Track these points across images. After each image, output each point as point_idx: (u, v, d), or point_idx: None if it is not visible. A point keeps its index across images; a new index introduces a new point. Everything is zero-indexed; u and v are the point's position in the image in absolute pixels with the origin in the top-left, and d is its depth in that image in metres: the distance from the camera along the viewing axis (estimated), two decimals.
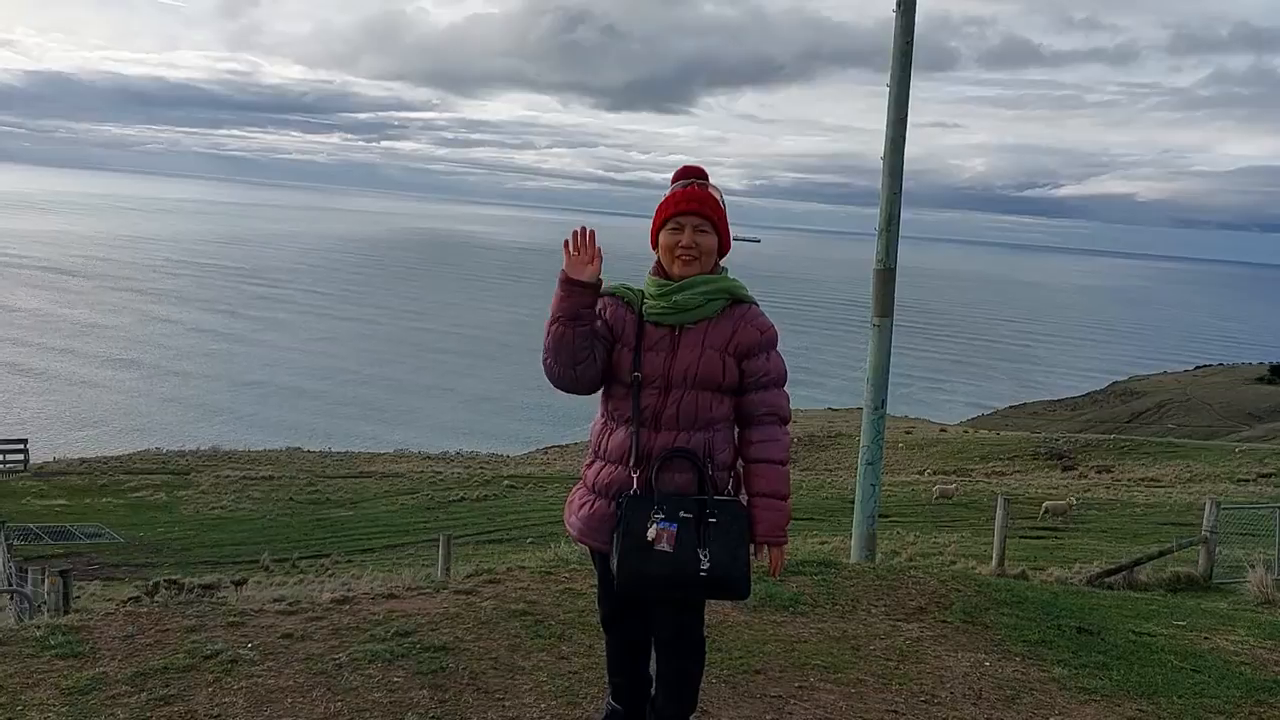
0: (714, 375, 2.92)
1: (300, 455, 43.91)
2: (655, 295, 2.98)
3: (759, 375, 2.98)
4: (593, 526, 3.02)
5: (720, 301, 2.97)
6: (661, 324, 2.96)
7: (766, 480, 2.97)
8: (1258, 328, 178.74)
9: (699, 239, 2.97)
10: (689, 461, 2.89)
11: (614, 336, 2.99)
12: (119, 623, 4.52)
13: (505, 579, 5.65)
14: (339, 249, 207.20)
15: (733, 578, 2.85)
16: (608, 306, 3.01)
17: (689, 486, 2.89)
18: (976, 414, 72.64)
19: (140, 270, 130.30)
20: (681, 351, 2.92)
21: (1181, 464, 38.57)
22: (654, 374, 2.92)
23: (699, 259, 2.97)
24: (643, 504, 2.84)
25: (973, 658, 4.89)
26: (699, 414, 2.92)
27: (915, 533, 21.39)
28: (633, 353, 2.95)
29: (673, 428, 2.91)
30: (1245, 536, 15.36)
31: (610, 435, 3.01)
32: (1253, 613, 7.02)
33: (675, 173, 3.10)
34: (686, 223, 2.97)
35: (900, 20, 8.66)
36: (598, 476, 3.03)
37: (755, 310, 3.03)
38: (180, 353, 76.01)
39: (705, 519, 2.83)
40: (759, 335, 2.98)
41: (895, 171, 8.72)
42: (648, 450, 2.91)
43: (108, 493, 32.60)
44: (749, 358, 2.97)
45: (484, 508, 30.25)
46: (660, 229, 3.02)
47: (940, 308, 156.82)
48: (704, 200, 2.99)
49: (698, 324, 2.95)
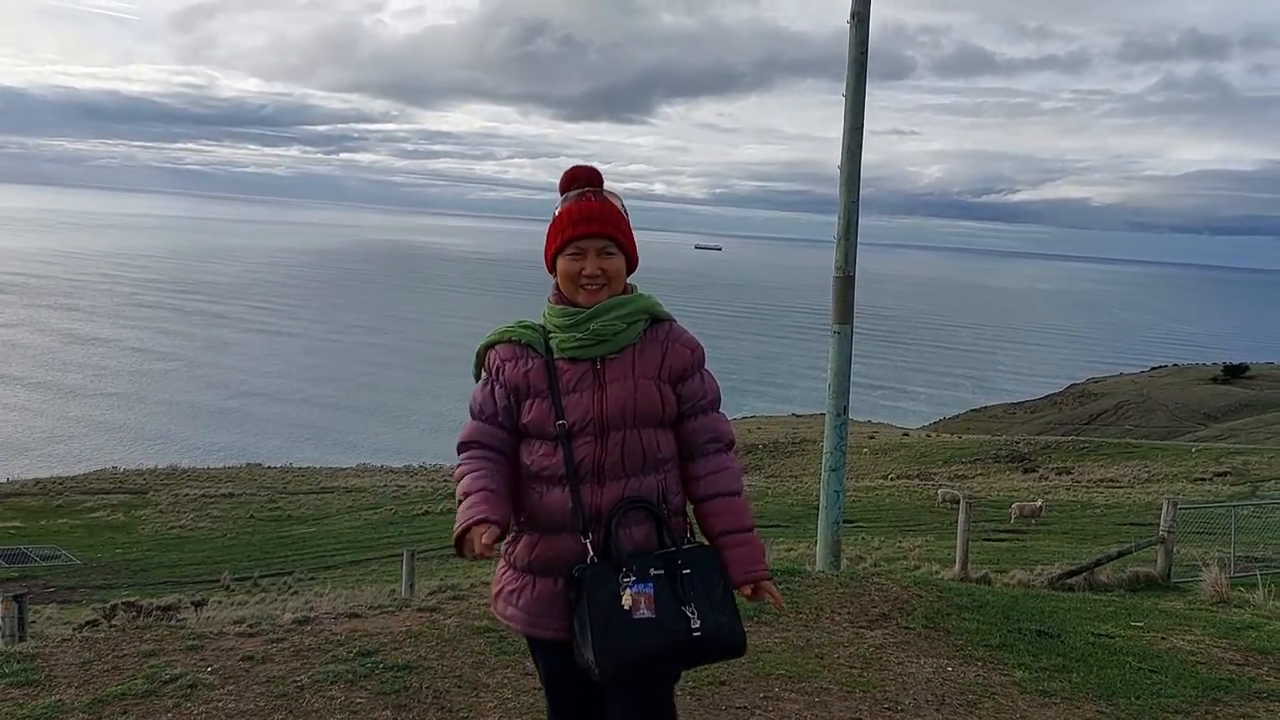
0: (653, 407, 2.51)
1: (261, 472, 43.37)
2: (565, 327, 2.52)
3: (696, 399, 2.59)
4: (542, 612, 2.51)
5: (640, 324, 2.55)
6: (579, 359, 2.50)
7: (728, 516, 2.57)
8: (1211, 329, 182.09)
9: (606, 264, 2.53)
10: (645, 512, 2.49)
11: (518, 395, 2.53)
12: (75, 648, 4.46)
13: (469, 595, 5.63)
14: (292, 262, 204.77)
15: (725, 629, 2.43)
16: (503, 363, 2.55)
17: (648, 541, 2.48)
18: (938, 418, 73.32)
19: (75, 286, 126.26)
20: (611, 386, 2.48)
21: (1139, 464, 39.16)
22: (583, 419, 2.47)
23: (608, 285, 2.54)
24: (605, 571, 2.39)
25: (935, 663, 4.94)
26: (646, 455, 2.50)
27: (880, 537, 21.54)
28: (549, 399, 2.48)
29: (619, 476, 2.48)
30: (1202, 535, 15.64)
31: (540, 500, 2.51)
32: (1208, 612, 7.14)
33: (563, 178, 2.62)
34: (589, 247, 2.52)
35: (854, 31, 8.75)
36: (534, 552, 2.53)
37: (678, 328, 2.64)
38: (105, 373, 72.93)
39: (678, 572, 2.43)
40: (689, 354, 2.59)
41: (852, 179, 8.79)
42: (595, 509, 2.46)
43: (64, 513, 32.03)
44: (683, 381, 2.58)
45: (449, 521, 29.56)
46: (557, 253, 2.56)
47: (901, 314, 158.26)
48: (605, 216, 2.53)
49: (622, 352, 2.52)
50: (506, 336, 2.58)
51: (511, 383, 2.53)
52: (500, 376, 2.55)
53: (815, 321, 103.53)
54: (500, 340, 2.59)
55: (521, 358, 2.54)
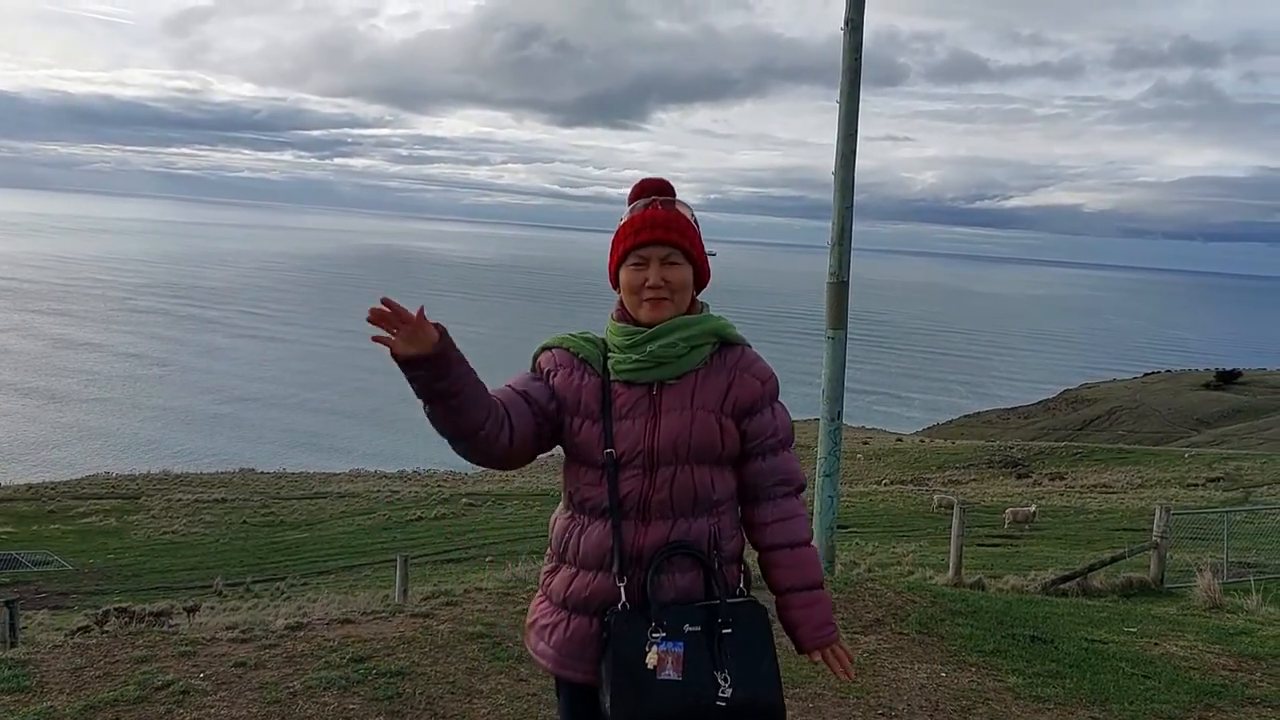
0: (711, 443, 2.27)
1: (254, 477, 43.25)
2: (623, 346, 2.31)
3: (764, 437, 2.34)
4: (574, 653, 2.29)
5: (706, 348, 2.33)
6: (635, 383, 2.30)
7: (796, 570, 2.33)
8: (1203, 334, 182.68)
9: (669, 274, 2.31)
10: (693, 558, 2.26)
11: (563, 406, 2.32)
12: (67, 654, 4.44)
13: (463, 601, 5.62)
14: (286, 267, 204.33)
15: (763, 703, 2.20)
16: (557, 369, 2.35)
17: (693, 590, 2.25)
18: (932, 424, 73.43)
19: (66, 291, 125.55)
20: (665, 416, 2.27)
21: (1132, 470, 39.23)
22: (633, 449, 2.26)
23: (671, 298, 2.32)
24: (635, 621, 2.18)
25: (929, 669, 4.94)
26: (699, 495, 2.27)
27: (874, 543, 21.55)
28: (600, 424, 2.28)
29: (666, 516, 2.26)
30: (1195, 541, 15.67)
31: (581, 533, 2.31)
32: (1201, 617, 7.16)
33: (632, 189, 2.44)
34: (651, 255, 2.31)
35: (848, 38, 8.78)
36: (570, 588, 2.31)
37: (749, 354, 2.39)
38: (97, 378, 72.30)
39: (718, 631, 2.20)
40: (760, 386, 2.34)
41: (846, 185, 8.82)
42: (635, 549, 2.25)
43: (56, 519, 31.92)
44: (750, 416, 2.33)
45: (442, 527, 30.00)
46: (620, 264, 2.36)
47: (895, 319, 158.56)
48: (670, 224, 2.33)
49: (681, 379, 2.30)
50: (565, 345, 2.39)
51: (561, 392, 2.33)
52: (550, 380, 2.35)
53: (809, 327, 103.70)
54: (557, 346, 2.40)
55: (577, 371, 2.35)
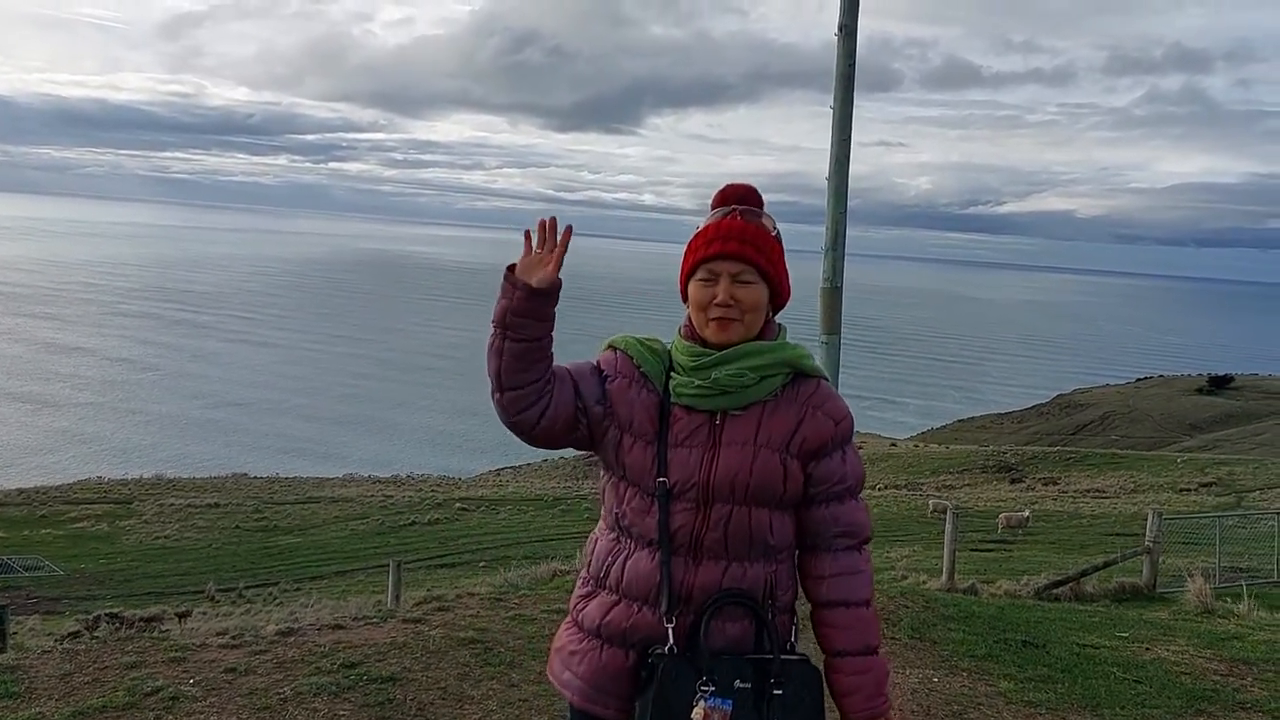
0: (772, 484, 2.05)
1: (247, 482, 43.11)
2: (688, 368, 2.08)
3: (831, 482, 2.11)
4: (603, 687, 2.08)
5: (778, 378, 2.09)
6: (696, 409, 2.07)
7: (852, 632, 2.11)
8: (1196, 340, 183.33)
9: (740, 293, 2.06)
10: (745, 607, 2.05)
11: (614, 418, 2.10)
12: (56, 660, 4.42)
13: (455, 606, 5.61)
14: (279, 271, 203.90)
15: None
16: (617, 375, 2.12)
17: (743, 640, 2.05)
18: (926, 428, 73.56)
19: (57, 295, 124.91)
20: (725, 450, 2.04)
21: (1125, 474, 39.33)
22: (687, 480, 2.03)
23: (741, 319, 2.07)
24: (684, 671, 1.97)
25: (921, 674, 4.94)
26: (754, 539, 2.05)
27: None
28: (654, 448, 2.06)
29: (719, 557, 2.05)
30: (1188, 546, 15.71)
31: (626, 560, 2.09)
32: (1192, 622, 7.17)
33: (716, 195, 2.20)
34: (722, 270, 2.07)
35: (842, 44, 8.79)
36: (608, 616, 2.08)
37: (825, 388, 2.15)
38: (88, 383, 71.83)
39: (768, 691, 2.01)
40: (833, 427, 2.11)
41: (840, 191, 8.82)
42: (686, 589, 2.03)
43: (47, 523, 31.78)
44: (819, 458, 2.09)
45: (436, 531, 29.96)
46: (689, 277, 2.12)
47: (889, 324, 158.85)
48: (748, 236, 2.08)
49: (747, 410, 2.07)
50: (629, 350, 2.15)
51: (615, 402, 2.10)
52: (607, 385, 2.11)
53: (803, 332, 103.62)
54: (622, 349, 2.16)
55: (636, 383, 2.11)
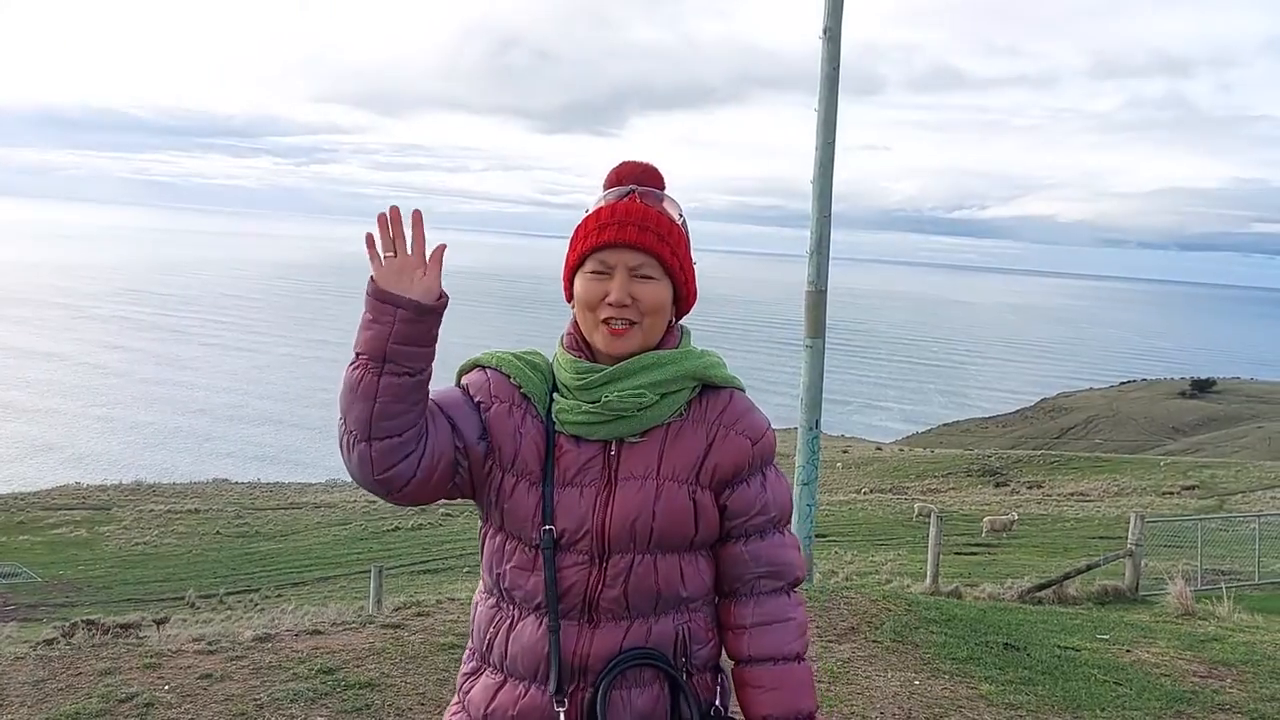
0: (680, 525, 1.65)
1: (228, 487, 42.89)
2: (573, 387, 1.66)
3: (750, 514, 1.70)
4: None
5: (683, 394, 1.68)
6: (585, 439, 1.66)
7: (779, 694, 1.67)
8: (1179, 344, 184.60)
9: (640, 291, 1.64)
10: (655, 669, 1.65)
11: (495, 455, 1.67)
12: (30, 667, 4.37)
13: (434, 611, 5.58)
14: (259, 275, 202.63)
15: None
16: (493, 401, 1.68)
17: (655, 711, 1.64)
18: (911, 432, 73.83)
19: (27, 298, 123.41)
20: (623, 487, 1.64)
21: (1109, 478, 39.56)
22: (578, 529, 1.63)
23: (640, 323, 1.65)
24: None
25: (902, 677, 4.93)
26: (662, 593, 1.65)
27: (853, 551, 21.60)
28: (539, 488, 1.64)
29: (620, 617, 1.64)
30: (1169, 548, 15.80)
31: (510, 630, 1.67)
32: (1173, 624, 7.19)
33: (609, 173, 1.75)
34: (617, 263, 1.64)
35: (826, 47, 8.81)
36: (493, 703, 1.67)
37: (739, 401, 1.74)
38: (57, 388, 70.68)
39: None
40: (749, 447, 1.71)
41: (824, 194, 8.84)
42: (581, 660, 1.62)
43: (25, 530, 31.52)
44: (734, 486, 1.69)
45: (419, 537, 29.86)
46: (575, 270, 1.69)
47: (875, 328, 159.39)
48: (649, 222, 1.65)
49: (646, 436, 1.66)
50: (503, 368, 1.71)
51: (495, 435, 1.67)
52: (483, 413, 1.68)
53: (788, 335, 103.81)
54: (493, 366, 1.72)
55: (518, 409, 1.68)
